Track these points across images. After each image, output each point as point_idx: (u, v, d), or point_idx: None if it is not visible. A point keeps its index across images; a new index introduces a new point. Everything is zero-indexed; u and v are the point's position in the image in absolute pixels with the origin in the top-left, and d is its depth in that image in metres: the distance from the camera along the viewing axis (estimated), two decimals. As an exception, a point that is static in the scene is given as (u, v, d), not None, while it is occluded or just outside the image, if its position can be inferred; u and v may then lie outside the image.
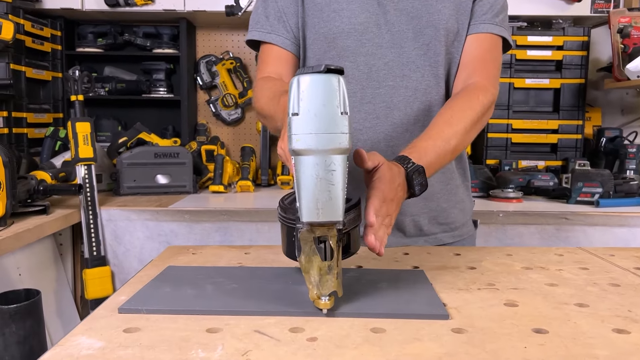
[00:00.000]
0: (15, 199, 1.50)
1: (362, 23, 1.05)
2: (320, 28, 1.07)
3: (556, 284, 0.85)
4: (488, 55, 1.08)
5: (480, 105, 1.01)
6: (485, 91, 1.03)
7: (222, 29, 2.74)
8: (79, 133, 1.82)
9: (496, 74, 1.09)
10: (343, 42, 1.06)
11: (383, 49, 1.05)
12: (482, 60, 1.08)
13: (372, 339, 0.63)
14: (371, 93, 1.06)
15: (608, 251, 1.08)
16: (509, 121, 2.38)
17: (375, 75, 1.06)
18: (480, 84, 1.05)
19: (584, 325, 0.67)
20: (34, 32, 2.25)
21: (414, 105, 1.06)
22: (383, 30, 1.05)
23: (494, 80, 1.08)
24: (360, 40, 1.05)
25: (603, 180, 1.97)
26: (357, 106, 1.07)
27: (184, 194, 2.17)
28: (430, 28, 1.05)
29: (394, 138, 1.07)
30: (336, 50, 1.07)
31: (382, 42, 1.05)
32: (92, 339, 0.62)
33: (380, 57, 1.06)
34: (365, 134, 1.08)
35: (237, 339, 0.62)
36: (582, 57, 2.36)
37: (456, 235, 1.15)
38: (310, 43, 1.10)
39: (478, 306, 0.74)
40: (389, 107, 1.06)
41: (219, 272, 0.87)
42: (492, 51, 1.09)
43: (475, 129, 1.01)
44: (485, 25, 1.08)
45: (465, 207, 1.18)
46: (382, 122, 1.07)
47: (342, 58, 1.07)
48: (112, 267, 1.86)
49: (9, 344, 1.06)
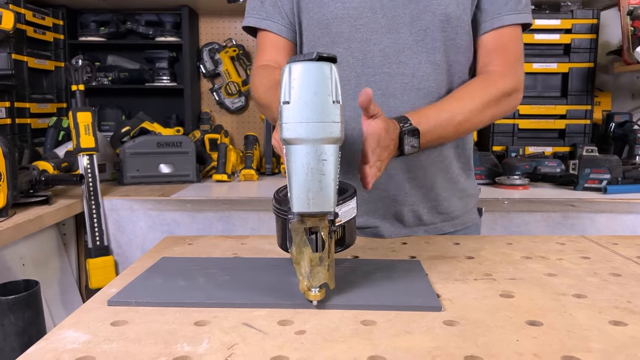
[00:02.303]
0: (16, 189, 1.50)
1: (356, 8, 1.02)
2: (315, 14, 1.05)
3: (555, 274, 0.83)
4: (510, 46, 1.04)
5: (496, 89, 0.99)
6: (503, 77, 1.01)
7: (224, 15, 2.71)
8: (80, 123, 1.82)
9: (519, 61, 1.05)
10: (337, 27, 1.03)
11: (378, 35, 1.02)
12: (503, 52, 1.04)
13: (362, 331, 0.61)
14: (366, 80, 1.04)
15: (612, 239, 1.06)
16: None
17: (370, 62, 1.03)
18: (498, 70, 1.02)
19: (580, 317, 0.65)
20: (35, 22, 2.25)
21: (411, 93, 1.03)
22: (379, 14, 1.02)
23: (517, 69, 1.04)
24: (355, 25, 1.02)
25: (611, 166, 1.93)
26: (352, 94, 1.04)
27: (188, 183, 2.17)
28: (427, 13, 1.01)
29: None
30: (330, 37, 1.04)
31: (378, 28, 1.02)
32: (79, 332, 0.61)
33: (375, 42, 1.02)
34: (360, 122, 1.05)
35: (224, 332, 0.61)
36: (591, 41, 2.31)
37: (457, 224, 1.13)
38: (305, 29, 1.07)
39: (473, 297, 0.73)
40: (385, 95, 1.03)
41: (212, 263, 0.86)
42: (515, 42, 1.05)
43: (488, 111, 0.99)
44: (509, 16, 1.03)
45: (467, 196, 1.16)
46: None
47: (336, 44, 1.04)
48: (115, 257, 1.86)
49: (8, 335, 1.06)
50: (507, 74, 1.02)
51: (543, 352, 0.56)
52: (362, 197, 1.06)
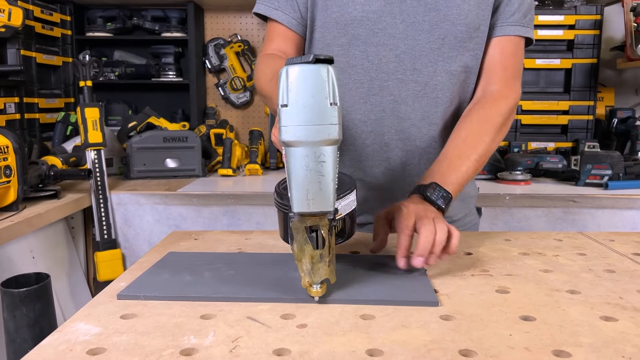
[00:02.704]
0: (26, 184, 1.54)
1: (376, 11, 1.01)
2: (332, 13, 1.03)
3: (551, 270, 0.85)
4: (511, 59, 1.06)
5: (500, 116, 1.01)
6: (505, 99, 1.03)
7: (230, 11, 2.73)
8: (88, 118, 1.85)
9: (518, 76, 1.07)
10: (355, 30, 1.02)
11: (395, 40, 1.01)
12: (503, 65, 1.05)
13: (361, 325, 0.64)
14: (379, 85, 1.03)
15: (609, 236, 1.08)
16: (518, 102, 2.35)
17: (385, 67, 1.03)
18: (499, 92, 1.04)
19: (572, 313, 0.68)
20: (43, 18, 2.27)
21: (423, 101, 1.04)
22: (397, 20, 1.01)
23: (516, 84, 1.07)
24: (373, 29, 1.02)
25: (612, 162, 1.95)
26: (364, 97, 1.05)
27: (193, 177, 2.20)
28: (447, 22, 1.00)
29: (399, 132, 1.05)
30: (346, 38, 1.03)
31: (395, 33, 1.01)
32: (90, 324, 0.64)
33: (392, 48, 1.02)
34: (370, 126, 1.06)
35: (229, 326, 0.64)
36: (595, 37, 2.31)
37: (459, 227, 1.15)
38: (320, 26, 1.06)
39: (469, 293, 0.75)
40: (396, 101, 1.04)
41: (217, 258, 0.89)
42: (516, 54, 1.06)
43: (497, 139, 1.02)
44: (514, 27, 1.04)
45: (467, 197, 1.17)
46: (388, 116, 1.05)
47: (352, 46, 1.03)
48: (122, 250, 1.90)
49: (20, 326, 1.09)
50: (507, 94, 1.04)
51: (534, 346, 0.59)
52: (363, 196, 1.08)
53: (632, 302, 0.71)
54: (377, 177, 1.09)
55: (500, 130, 1.02)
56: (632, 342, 0.59)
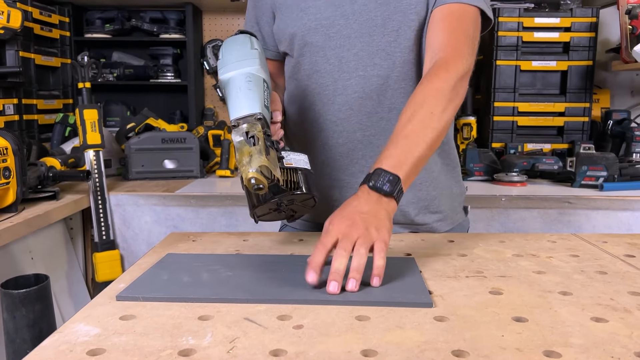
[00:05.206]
0: (25, 185, 1.54)
1: (328, 17, 1.05)
2: (290, 28, 1.09)
3: (544, 271, 0.87)
4: (456, 24, 1.00)
5: (446, 84, 0.94)
6: (452, 65, 0.96)
7: (228, 12, 2.74)
8: (86, 120, 1.86)
9: (465, 42, 0.99)
10: (312, 38, 1.07)
11: (352, 39, 1.05)
12: (448, 30, 0.99)
13: (356, 326, 0.65)
14: (343, 85, 1.07)
15: (602, 238, 1.09)
16: (515, 104, 2.37)
17: (345, 67, 1.06)
18: (445, 59, 0.97)
19: (563, 314, 0.69)
20: (42, 19, 2.28)
21: (387, 93, 1.06)
22: (351, 20, 1.05)
23: (463, 49, 0.98)
24: (328, 34, 1.06)
25: (608, 163, 1.96)
26: (331, 98, 1.08)
27: (192, 178, 2.21)
28: (398, 14, 1.03)
29: (369, 127, 1.08)
30: (307, 47, 1.08)
31: (351, 33, 1.05)
32: (90, 325, 0.65)
33: (349, 47, 1.06)
34: (340, 125, 1.09)
35: (227, 327, 0.65)
36: (590, 39, 2.33)
37: (450, 223, 1.16)
38: (284, 41, 1.12)
39: (463, 294, 0.76)
40: (362, 97, 1.06)
41: (215, 260, 0.90)
42: (462, 21, 1.00)
43: (449, 110, 0.95)
44: None
45: (453, 194, 1.18)
46: (356, 113, 1.07)
47: (313, 54, 1.08)
48: (121, 251, 1.91)
49: (20, 327, 1.10)
50: (454, 60, 0.97)
51: (525, 347, 0.60)
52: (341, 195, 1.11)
53: (622, 303, 0.73)
54: (354, 174, 1.10)
55: (451, 99, 0.94)
56: (621, 342, 0.61)
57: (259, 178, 0.75)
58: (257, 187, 0.76)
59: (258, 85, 0.84)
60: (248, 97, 0.82)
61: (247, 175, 0.75)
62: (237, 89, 0.83)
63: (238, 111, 0.81)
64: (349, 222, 0.79)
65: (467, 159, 2.16)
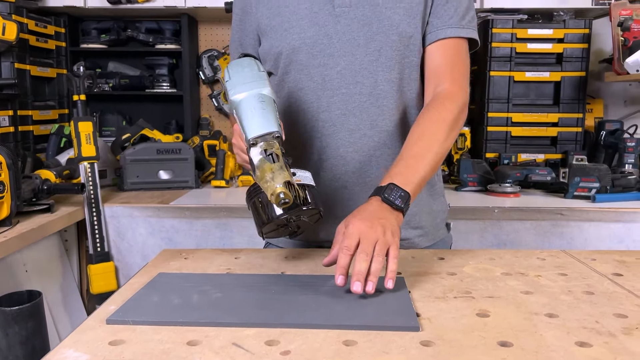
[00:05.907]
0: (19, 199, 1.55)
1: (312, 37, 1.08)
2: (275, 48, 1.11)
3: (532, 291, 0.87)
4: (456, 58, 1.10)
5: (450, 113, 1.05)
6: (454, 97, 1.07)
7: (223, 23, 2.75)
8: (81, 132, 1.87)
9: (465, 75, 1.11)
10: (296, 56, 1.10)
11: (335, 58, 1.09)
12: (449, 65, 1.10)
13: (343, 352, 0.66)
14: (326, 102, 1.10)
15: (591, 255, 1.10)
16: (508, 114, 2.39)
17: (329, 85, 1.09)
18: (448, 91, 1.08)
19: (549, 338, 0.70)
20: (37, 31, 2.29)
21: (370, 110, 1.09)
22: (334, 39, 1.08)
23: (463, 83, 1.10)
24: (312, 52, 1.09)
25: (600, 175, 1.97)
26: (315, 115, 1.11)
27: (187, 188, 2.21)
28: (380, 34, 1.07)
29: (352, 143, 1.10)
30: (292, 66, 1.11)
31: (334, 52, 1.08)
32: (79, 352, 0.66)
33: (332, 66, 1.09)
34: (323, 141, 1.11)
35: (214, 352, 0.65)
36: (583, 50, 2.34)
37: (432, 239, 1.18)
38: (269, 61, 1.14)
39: (451, 316, 0.77)
40: (345, 114, 1.09)
41: (206, 280, 0.91)
42: (460, 54, 1.11)
43: (451, 136, 1.05)
44: (452, 29, 1.09)
45: (433, 211, 1.19)
46: (339, 129, 1.10)
47: (297, 72, 1.11)
48: (115, 263, 1.91)
49: (13, 344, 1.11)
50: (456, 92, 1.08)
51: (509, 373, 0.61)
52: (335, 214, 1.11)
53: (607, 326, 0.74)
54: (337, 189, 1.13)
55: (453, 128, 1.05)
56: (603, 369, 0.62)
57: (287, 192, 0.79)
58: (283, 201, 0.79)
59: (270, 105, 0.88)
60: (264, 117, 0.86)
61: (274, 190, 0.78)
62: (251, 109, 0.86)
63: (255, 130, 0.85)
64: (368, 224, 0.85)
65: (461, 170, 2.17)
